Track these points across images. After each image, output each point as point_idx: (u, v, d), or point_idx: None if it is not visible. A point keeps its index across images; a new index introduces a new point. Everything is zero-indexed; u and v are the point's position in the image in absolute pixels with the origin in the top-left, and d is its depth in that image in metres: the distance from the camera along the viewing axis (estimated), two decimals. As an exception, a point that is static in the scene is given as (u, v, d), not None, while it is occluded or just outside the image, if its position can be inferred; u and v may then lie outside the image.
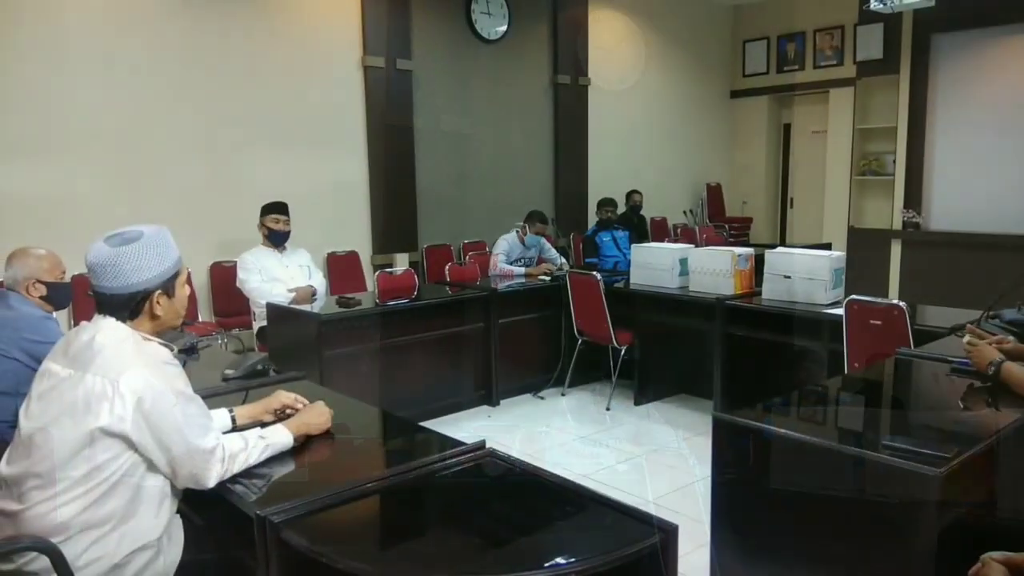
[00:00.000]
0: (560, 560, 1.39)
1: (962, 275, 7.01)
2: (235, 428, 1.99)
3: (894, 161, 8.02)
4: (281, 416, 2.06)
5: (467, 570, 1.43)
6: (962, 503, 1.85)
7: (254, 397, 2.22)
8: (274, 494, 1.69)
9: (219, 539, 1.87)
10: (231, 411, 2.02)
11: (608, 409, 4.90)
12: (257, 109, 5.63)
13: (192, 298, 5.14)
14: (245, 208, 5.09)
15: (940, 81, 7.72)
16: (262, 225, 4.72)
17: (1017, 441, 2.09)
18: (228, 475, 1.74)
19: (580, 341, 5.12)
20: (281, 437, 1.88)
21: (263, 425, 1.97)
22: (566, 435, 4.49)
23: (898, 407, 2.50)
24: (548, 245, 6.02)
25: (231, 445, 1.76)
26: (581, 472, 3.82)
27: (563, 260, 6.03)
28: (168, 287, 1.76)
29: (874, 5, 5.54)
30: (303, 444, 1.94)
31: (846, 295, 3.85)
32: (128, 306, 1.71)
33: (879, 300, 3.63)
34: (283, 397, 2.09)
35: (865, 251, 8.02)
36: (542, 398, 5.16)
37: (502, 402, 5.01)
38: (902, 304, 3.50)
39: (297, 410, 2.06)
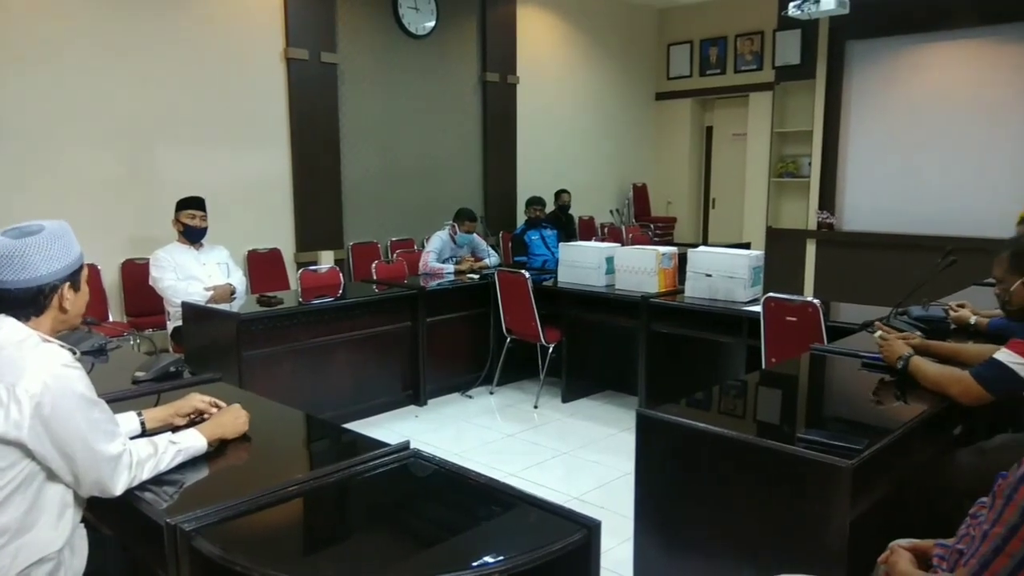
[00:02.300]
0: (485, 560, 1.38)
1: (873, 274, 7.34)
2: (145, 433, 1.90)
3: (810, 164, 8.33)
4: (195, 420, 1.98)
5: (389, 573, 1.40)
6: (873, 493, 1.92)
7: (167, 400, 2.12)
8: (186, 501, 1.62)
9: (128, 549, 1.78)
10: (140, 415, 1.93)
11: (536, 407, 4.93)
12: (173, 100, 5.42)
13: (102, 297, 4.99)
14: (160, 203, 4.90)
15: (854, 86, 8.06)
16: (177, 221, 4.55)
17: (924, 433, 2.19)
18: (136, 482, 1.66)
19: (509, 339, 5.12)
20: (194, 441, 1.80)
21: (175, 429, 1.89)
22: (494, 434, 4.49)
23: (812, 401, 2.59)
24: (480, 242, 6.01)
25: (139, 451, 1.68)
26: (509, 470, 3.83)
27: (496, 256, 6.03)
28: (75, 280, 1.69)
29: (792, 11, 5.72)
30: (218, 449, 1.87)
31: (765, 293, 3.96)
32: (35, 301, 1.63)
33: (795, 297, 3.75)
34: (196, 400, 2.01)
35: (782, 250, 8.31)
36: (470, 397, 5.14)
37: (430, 402, 4.97)
38: (816, 301, 3.62)
39: (212, 413, 1.98)
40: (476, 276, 5.43)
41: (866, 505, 1.86)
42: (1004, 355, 2.19)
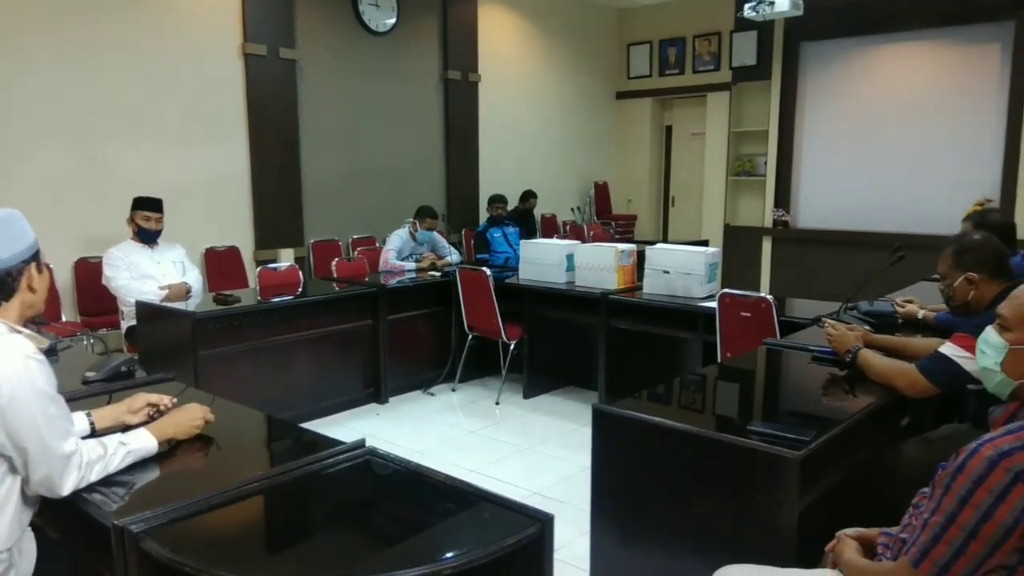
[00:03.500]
0: (438, 557, 1.38)
1: (826, 270, 7.51)
2: (95, 434, 1.86)
3: (766, 163, 8.47)
4: (149, 418, 1.94)
5: (339, 572, 1.40)
6: (821, 483, 1.96)
7: (118, 401, 2.08)
8: (135, 502, 1.59)
9: (75, 553, 1.75)
10: (89, 415, 1.89)
11: (498, 403, 4.94)
12: (128, 95, 5.31)
13: (54, 297, 4.87)
14: (115, 201, 4.80)
15: (808, 87, 8.23)
16: (132, 220, 4.46)
17: (871, 424, 2.25)
18: (84, 483, 1.63)
19: (471, 336, 5.12)
20: (144, 442, 1.77)
21: (126, 428, 1.86)
22: (456, 430, 4.49)
23: (764, 394, 2.64)
24: (441, 240, 6.00)
25: (89, 452, 1.65)
26: (469, 467, 3.83)
27: (457, 254, 6.03)
28: (39, 260, 1.70)
29: (747, 13, 5.81)
30: (170, 449, 1.84)
31: (721, 289, 4.02)
32: (3, 285, 1.63)
33: (749, 293, 3.82)
34: (147, 396, 1.97)
35: (740, 247, 8.46)
36: (432, 394, 5.13)
37: (392, 399, 4.95)
38: (769, 297, 3.70)
39: (166, 405, 1.96)
40: (437, 274, 5.41)
41: (815, 495, 1.90)
42: (948, 348, 2.26)
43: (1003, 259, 2.43)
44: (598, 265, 4.67)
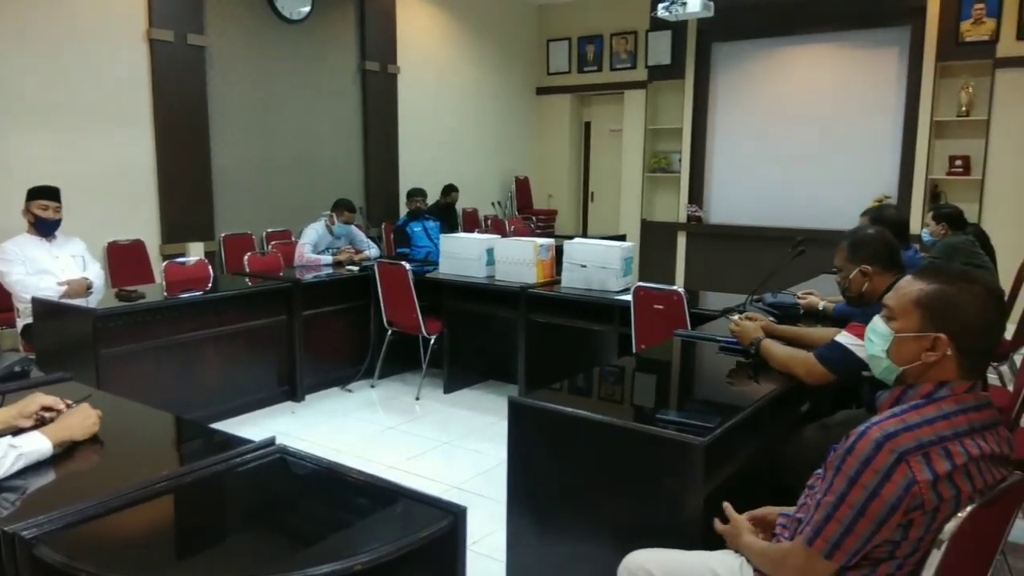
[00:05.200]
0: (348, 553, 1.37)
1: (736, 263, 7.77)
2: (-17, 438, 1.76)
3: (680, 160, 8.70)
4: (44, 420, 1.85)
5: (246, 574, 1.37)
6: (725, 468, 2.04)
7: (12, 403, 1.97)
8: (28, 507, 1.51)
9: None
10: (-23, 419, 1.79)
11: (418, 399, 4.91)
12: (25, 81, 5.01)
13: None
14: (11, 193, 4.53)
15: (720, 86, 8.49)
16: (27, 211, 4.23)
17: (773, 411, 2.35)
18: (-29, 489, 1.54)
19: (390, 332, 5.08)
20: (38, 445, 1.69)
21: (17, 432, 1.76)
22: (374, 427, 4.45)
23: (674, 384, 2.72)
24: (359, 234, 5.92)
25: (-25, 457, 1.56)
26: (388, 463, 3.81)
27: (376, 248, 5.95)
28: None
29: (661, 13, 5.93)
30: (66, 452, 1.76)
31: (638, 282, 4.12)
32: None
33: (662, 286, 3.93)
34: (42, 399, 1.88)
35: (656, 242, 8.68)
36: (351, 391, 5.06)
37: (308, 397, 4.86)
38: (680, 290, 3.82)
39: (61, 410, 1.87)
40: (355, 268, 5.34)
41: (720, 480, 1.98)
42: (844, 337, 2.37)
43: (895, 252, 2.56)
44: (517, 259, 4.71)
